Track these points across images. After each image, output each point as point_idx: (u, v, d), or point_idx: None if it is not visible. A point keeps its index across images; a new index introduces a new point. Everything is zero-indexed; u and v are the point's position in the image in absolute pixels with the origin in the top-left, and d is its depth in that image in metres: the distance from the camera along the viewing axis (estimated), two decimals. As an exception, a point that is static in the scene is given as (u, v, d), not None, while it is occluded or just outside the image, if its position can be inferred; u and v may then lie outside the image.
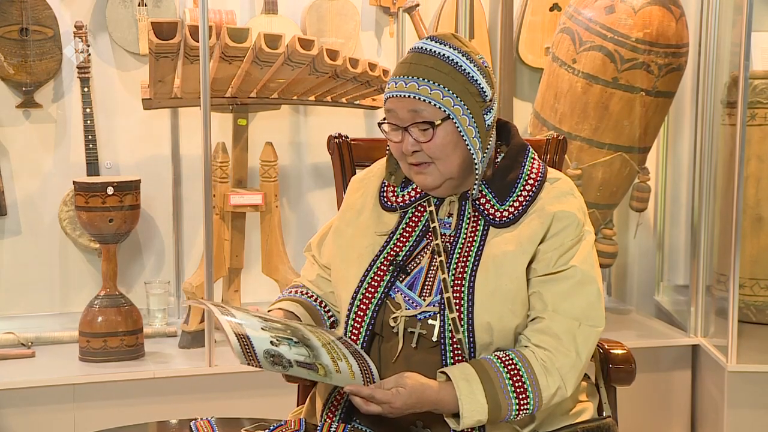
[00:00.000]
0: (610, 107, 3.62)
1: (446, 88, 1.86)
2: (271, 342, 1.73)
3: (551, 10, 4.16)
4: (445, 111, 1.86)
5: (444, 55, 1.88)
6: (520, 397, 1.80)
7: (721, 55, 3.67)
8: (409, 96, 1.86)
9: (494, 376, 1.79)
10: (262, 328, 1.75)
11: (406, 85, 1.87)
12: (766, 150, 3.85)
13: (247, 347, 1.69)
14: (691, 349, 3.70)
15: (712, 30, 3.61)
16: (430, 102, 1.85)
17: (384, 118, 1.93)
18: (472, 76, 1.88)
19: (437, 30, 4.03)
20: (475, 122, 1.88)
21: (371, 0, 4.03)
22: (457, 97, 1.86)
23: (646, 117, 3.67)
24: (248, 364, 1.68)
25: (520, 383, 1.80)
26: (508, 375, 1.80)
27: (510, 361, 1.82)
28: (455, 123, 1.86)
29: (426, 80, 1.86)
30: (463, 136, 1.87)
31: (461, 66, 1.88)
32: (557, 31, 3.77)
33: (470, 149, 1.88)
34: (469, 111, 1.87)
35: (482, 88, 1.89)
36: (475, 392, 1.77)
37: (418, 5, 3.90)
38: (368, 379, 1.78)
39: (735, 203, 3.35)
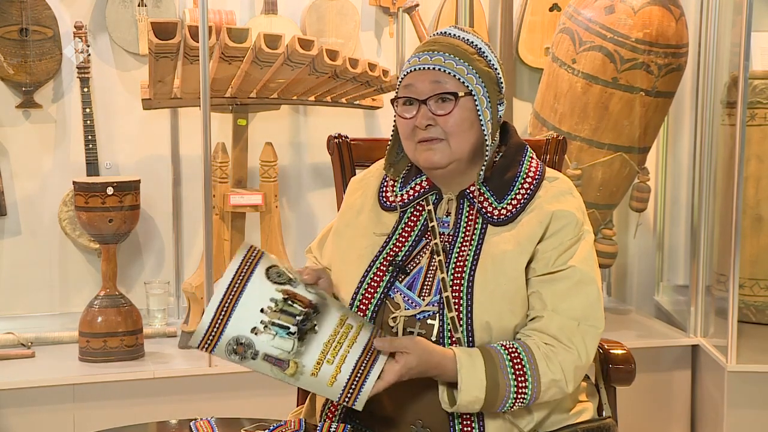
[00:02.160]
0: (610, 107, 3.62)
1: (471, 67, 1.88)
2: (253, 328, 1.70)
3: (551, 10, 4.16)
4: (468, 86, 1.87)
5: (468, 39, 1.93)
6: (519, 380, 1.79)
7: (721, 55, 3.67)
8: (433, 68, 1.88)
9: (496, 356, 1.80)
10: (261, 310, 1.71)
11: (431, 58, 1.89)
12: (766, 150, 3.85)
13: (214, 328, 1.69)
14: (691, 349, 3.70)
15: (712, 30, 3.61)
16: (454, 75, 1.87)
17: (395, 98, 1.92)
18: (493, 64, 1.93)
19: (437, 30, 4.03)
20: (491, 107, 1.90)
21: (371, 0, 4.03)
22: (479, 77, 1.89)
23: (646, 117, 3.67)
24: (199, 346, 1.70)
25: (519, 366, 1.80)
26: (509, 358, 1.80)
27: (513, 348, 1.82)
28: (475, 101, 1.88)
29: (452, 55, 1.88)
30: (480, 115, 1.88)
31: (484, 52, 1.92)
32: (557, 31, 3.77)
33: (484, 131, 1.89)
34: (488, 95, 1.90)
35: (500, 77, 1.93)
36: (476, 366, 1.77)
37: (417, 5, 3.90)
38: (352, 388, 1.72)
39: (735, 203, 3.35)
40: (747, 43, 3.29)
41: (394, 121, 1.96)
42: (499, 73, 1.93)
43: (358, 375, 1.71)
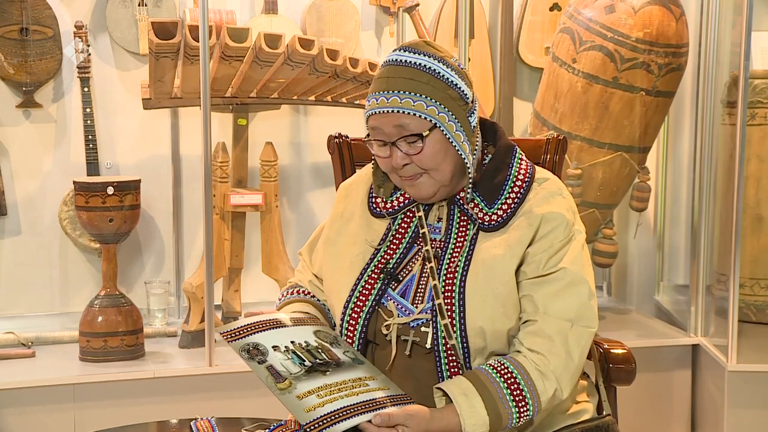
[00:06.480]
0: (610, 107, 3.62)
1: (429, 98, 1.83)
2: (275, 346, 1.79)
3: (551, 9, 4.16)
4: (431, 121, 1.83)
5: (420, 64, 1.85)
6: (520, 405, 1.79)
7: (721, 55, 3.67)
8: (392, 111, 1.83)
9: (492, 387, 1.79)
10: (292, 341, 1.82)
11: (387, 100, 1.83)
12: (766, 150, 3.85)
13: (244, 331, 1.80)
14: (691, 349, 3.70)
15: (712, 30, 3.61)
16: (414, 114, 1.83)
17: (367, 135, 1.90)
18: (452, 81, 1.86)
19: (437, 30, 4.04)
20: (461, 127, 1.86)
21: (371, 0, 4.03)
22: (440, 104, 1.84)
23: (646, 117, 3.67)
24: (224, 333, 1.81)
25: (518, 391, 1.79)
26: (506, 384, 1.79)
27: (506, 370, 1.81)
28: (443, 131, 1.84)
29: (407, 92, 1.83)
30: (452, 142, 1.85)
31: (439, 72, 1.85)
32: (557, 31, 3.77)
33: (461, 154, 1.86)
34: (454, 117, 1.85)
35: (463, 91, 1.87)
36: (475, 406, 1.76)
37: (418, 5, 3.90)
38: (322, 422, 1.71)
39: (735, 203, 3.35)
40: (747, 43, 3.29)
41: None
42: (460, 88, 1.86)
43: (335, 417, 1.72)
